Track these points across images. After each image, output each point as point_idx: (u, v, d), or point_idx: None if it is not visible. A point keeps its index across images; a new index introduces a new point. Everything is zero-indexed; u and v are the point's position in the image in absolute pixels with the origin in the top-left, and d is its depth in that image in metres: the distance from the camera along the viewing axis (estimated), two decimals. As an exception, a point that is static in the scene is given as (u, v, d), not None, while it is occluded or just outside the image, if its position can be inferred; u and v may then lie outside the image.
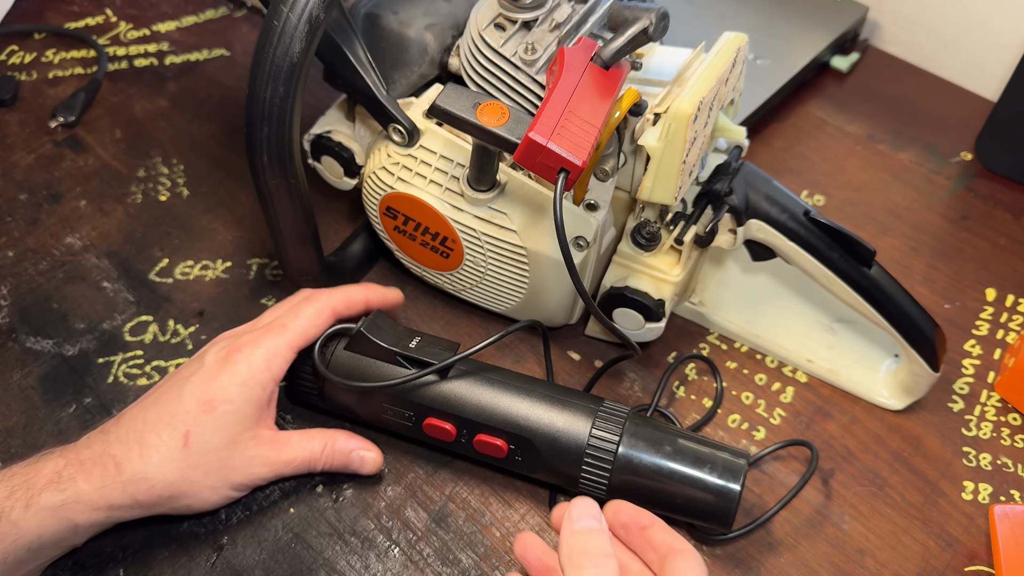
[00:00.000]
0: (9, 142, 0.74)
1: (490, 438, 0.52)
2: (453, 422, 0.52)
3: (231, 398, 0.50)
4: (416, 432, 0.54)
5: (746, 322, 0.64)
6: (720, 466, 0.50)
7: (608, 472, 0.50)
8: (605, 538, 0.42)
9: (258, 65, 0.48)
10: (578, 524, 0.43)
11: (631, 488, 0.51)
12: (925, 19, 0.85)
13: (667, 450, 0.51)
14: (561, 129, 0.45)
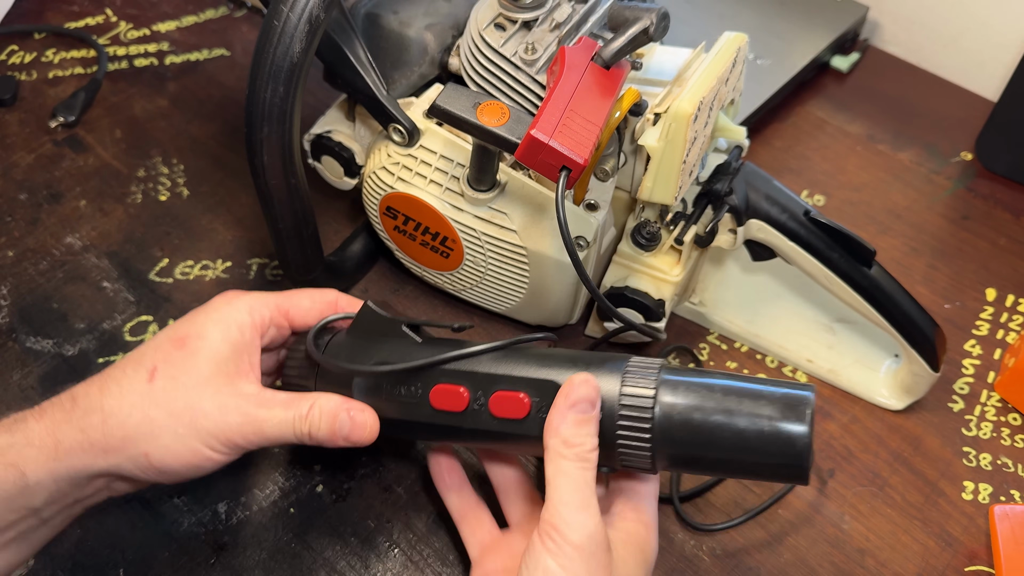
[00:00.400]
0: (9, 142, 0.74)
1: (509, 393, 0.44)
2: (466, 383, 0.45)
3: (204, 333, 0.45)
4: (421, 410, 0.46)
5: (746, 322, 0.64)
6: (782, 402, 0.40)
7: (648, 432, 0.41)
8: (594, 427, 0.41)
9: (258, 65, 0.48)
10: (573, 410, 0.41)
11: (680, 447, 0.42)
12: (925, 19, 0.85)
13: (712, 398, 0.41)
14: (563, 127, 0.45)
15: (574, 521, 0.39)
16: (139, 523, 0.53)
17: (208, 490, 0.55)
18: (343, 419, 0.46)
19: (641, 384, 0.42)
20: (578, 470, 0.40)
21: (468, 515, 0.51)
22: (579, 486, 0.40)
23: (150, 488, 0.54)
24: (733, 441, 0.40)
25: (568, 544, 0.39)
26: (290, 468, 0.56)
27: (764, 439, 0.40)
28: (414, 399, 0.46)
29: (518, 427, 0.44)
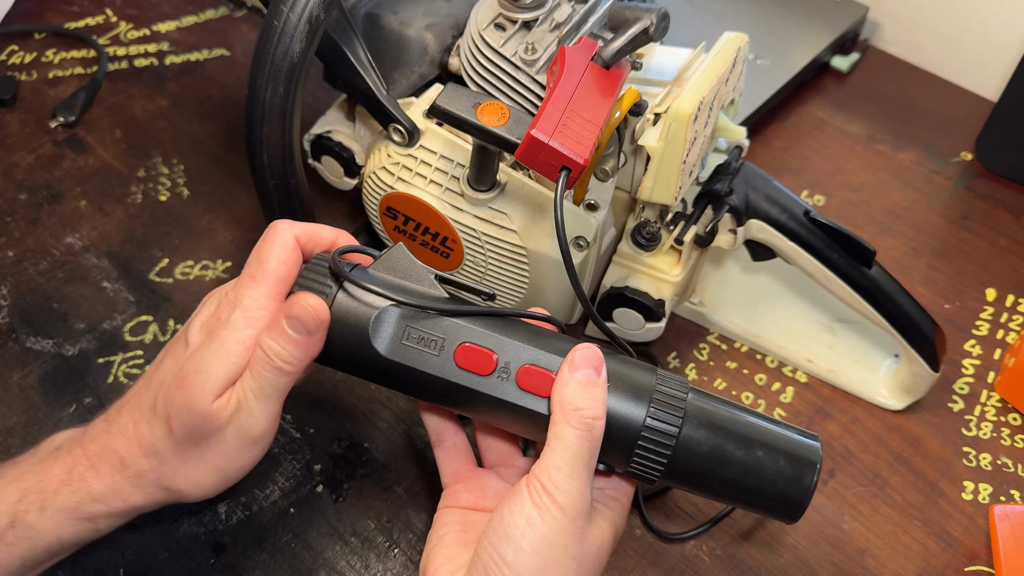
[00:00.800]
0: (9, 142, 0.74)
1: (538, 369, 0.43)
2: (496, 349, 0.43)
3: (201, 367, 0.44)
4: (442, 365, 0.43)
5: (746, 322, 0.64)
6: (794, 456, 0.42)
7: (665, 459, 0.42)
8: (601, 393, 0.41)
9: (258, 65, 0.48)
10: (578, 372, 0.41)
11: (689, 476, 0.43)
12: (925, 19, 0.85)
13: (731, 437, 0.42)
14: (563, 127, 0.45)
15: (562, 486, 0.40)
16: (139, 523, 0.53)
17: (208, 490, 0.55)
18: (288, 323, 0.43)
19: (667, 414, 0.42)
20: (577, 438, 0.40)
21: (445, 440, 0.50)
22: (574, 455, 0.40)
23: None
24: (741, 483, 0.42)
25: (554, 504, 0.40)
26: (290, 468, 0.56)
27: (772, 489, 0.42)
28: (436, 351, 0.44)
29: (540, 403, 0.43)
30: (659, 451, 0.42)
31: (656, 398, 0.42)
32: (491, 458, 0.51)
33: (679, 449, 0.42)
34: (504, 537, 0.40)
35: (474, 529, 0.45)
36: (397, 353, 0.43)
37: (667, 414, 0.42)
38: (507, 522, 0.40)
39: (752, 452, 0.42)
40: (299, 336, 0.43)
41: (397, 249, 0.46)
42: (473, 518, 0.46)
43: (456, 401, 0.45)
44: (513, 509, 0.40)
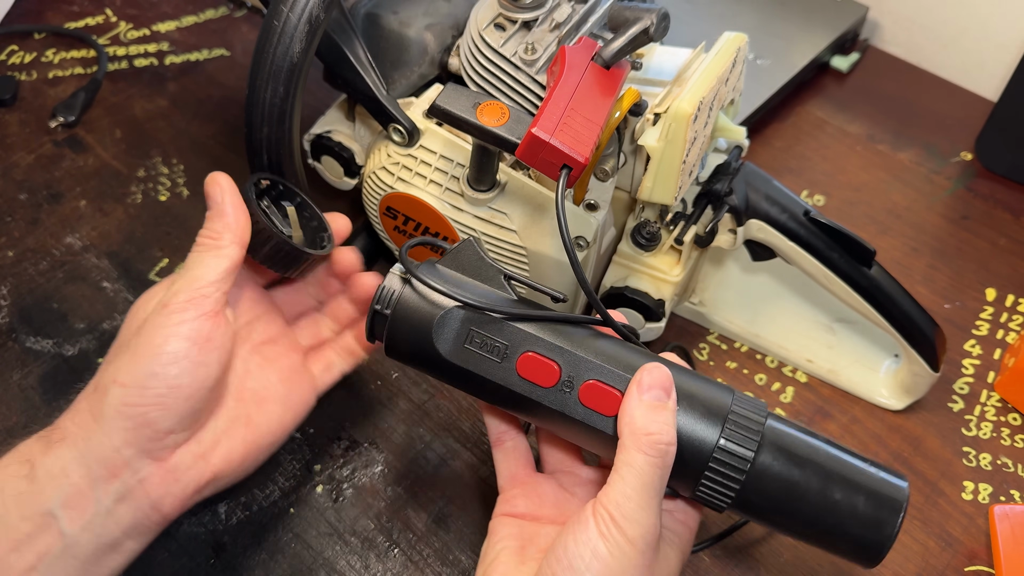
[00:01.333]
0: (9, 142, 0.74)
1: (603, 386, 0.41)
2: (559, 360, 0.41)
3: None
4: (503, 372, 0.42)
5: (746, 322, 0.64)
6: (875, 496, 0.39)
7: (737, 486, 0.40)
8: (671, 417, 0.39)
9: (258, 65, 0.48)
10: (646, 395, 0.39)
11: (761, 507, 0.41)
12: (925, 19, 0.85)
13: (810, 468, 0.40)
14: (564, 126, 0.45)
15: (633, 517, 0.37)
16: (139, 523, 0.53)
17: (208, 490, 0.55)
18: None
19: (742, 437, 0.40)
20: (648, 465, 0.38)
21: (505, 441, 0.48)
22: (645, 484, 0.38)
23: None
24: (817, 520, 0.40)
25: (623, 537, 0.37)
26: (290, 468, 0.56)
27: (849, 531, 0.40)
28: (498, 358, 0.42)
29: (603, 422, 0.41)
30: (731, 477, 0.40)
31: (731, 420, 0.40)
32: (551, 463, 0.49)
33: (752, 476, 0.40)
34: (568, 568, 0.38)
35: (532, 543, 0.44)
36: (459, 357, 0.43)
37: (742, 437, 0.39)
38: (571, 552, 0.38)
39: (831, 487, 0.39)
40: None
41: (466, 244, 0.45)
42: (530, 530, 0.45)
43: (516, 408, 0.44)
44: (579, 539, 0.38)
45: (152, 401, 0.42)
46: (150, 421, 0.42)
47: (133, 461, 0.43)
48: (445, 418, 0.59)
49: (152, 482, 0.43)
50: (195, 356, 0.43)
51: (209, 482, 0.45)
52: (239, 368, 0.48)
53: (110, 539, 0.43)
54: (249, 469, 0.48)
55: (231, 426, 0.46)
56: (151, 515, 0.44)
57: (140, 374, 0.42)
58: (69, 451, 0.42)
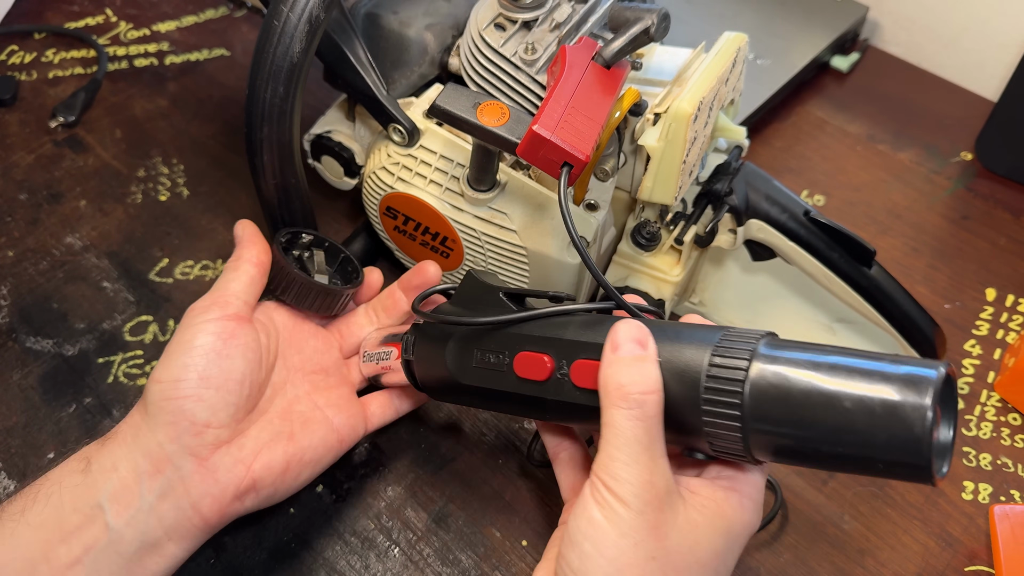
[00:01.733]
0: (9, 142, 0.74)
1: (591, 362, 0.39)
2: (550, 351, 0.41)
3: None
4: (507, 378, 0.43)
5: (746, 322, 0.64)
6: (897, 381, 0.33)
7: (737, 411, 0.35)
8: (650, 367, 0.37)
9: (258, 65, 0.48)
10: (620, 351, 0.37)
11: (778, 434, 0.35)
12: (925, 19, 0.85)
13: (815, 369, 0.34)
14: (564, 123, 0.45)
15: (620, 475, 0.36)
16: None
17: (208, 490, 0.55)
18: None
19: (732, 354, 0.36)
20: (626, 418, 0.36)
21: (560, 452, 0.47)
22: (628, 439, 0.36)
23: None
24: (837, 422, 0.34)
25: (614, 498, 0.36)
26: (290, 468, 0.56)
27: (874, 420, 0.33)
28: (501, 367, 0.43)
29: (596, 399, 0.39)
30: (727, 400, 0.35)
31: (719, 346, 0.36)
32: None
33: (754, 394, 0.35)
34: (569, 543, 0.37)
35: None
36: (472, 377, 0.45)
37: (731, 356, 0.36)
38: (571, 526, 0.37)
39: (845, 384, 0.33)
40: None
41: (468, 277, 0.48)
42: None
43: (531, 412, 0.44)
44: (576, 512, 0.37)
45: (186, 392, 0.45)
46: (186, 412, 0.45)
47: (175, 457, 0.45)
48: (445, 418, 0.59)
49: (192, 480, 0.45)
50: (220, 348, 0.46)
51: (249, 489, 0.46)
52: (289, 392, 0.51)
53: (152, 537, 0.44)
54: (290, 485, 0.49)
55: (274, 439, 0.48)
56: (192, 517, 0.45)
57: (174, 368, 0.46)
58: (120, 447, 0.45)
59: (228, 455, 0.46)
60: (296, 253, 0.55)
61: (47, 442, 0.56)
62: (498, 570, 0.52)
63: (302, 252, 0.55)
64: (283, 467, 0.48)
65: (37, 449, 0.56)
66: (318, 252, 0.56)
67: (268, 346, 0.50)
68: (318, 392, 0.52)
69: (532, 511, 0.55)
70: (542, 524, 0.55)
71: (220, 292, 0.49)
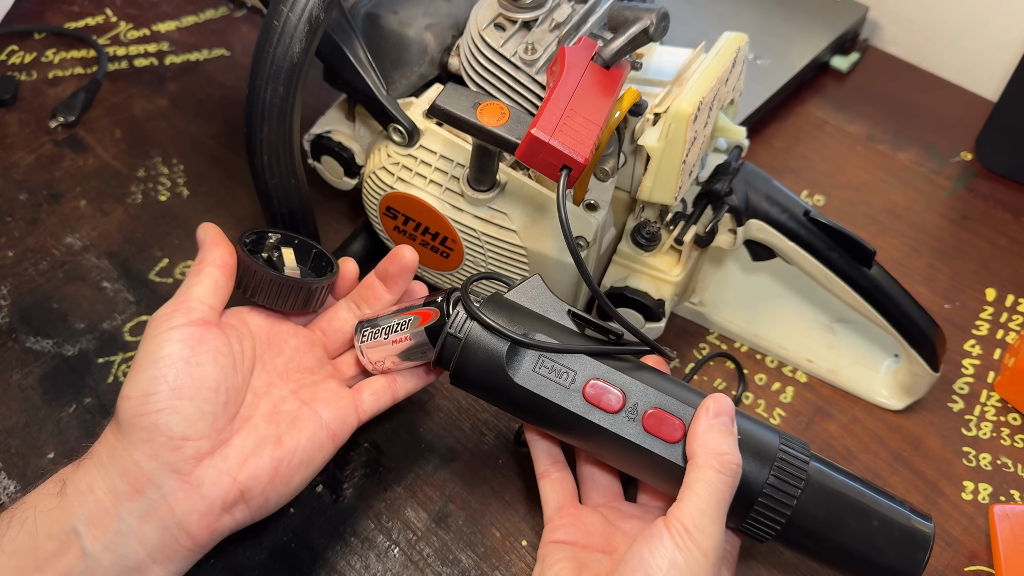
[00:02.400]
0: (9, 142, 0.74)
1: (667, 414, 0.44)
2: (623, 387, 0.45)
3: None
4: (569, 397, 0.45)
5: (746, 322, 0.64)
6: (904, 533, 0.44)
7: (782, 523, 0.43)
8: (735, 441, 0.42)
9: (258, 65, 0.48)
10: (715, 420, 0.43)
11: (801, 540, 0.44)
12: (925, 19, 0.85)
13: (847, 509, 0.44)
14: (563, 126, 0.45)
15: (707, 530, 0.40)
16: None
17: (208, 490, 0.55)
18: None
19: (790, 478, 0.43)
20: (722, 483, 0.41)
21: (553, 472, 0.51)
22: (719, 500, 0.41)
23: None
24: (854, 552, 0.43)
25: (697, 548, 0.40)
26: (290, 468, 0.56)
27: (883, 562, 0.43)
28: (566, 384, 0.45)
29: (666, 449, 0.44)
30: (777, 514, 0.43)
31: (780, 460, 0.43)
32: (594, 496, 0.51)
33: (796, 514, 0.43)
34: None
35: (588, 568, 0.46)
36: (529, 381, 0.45)
37: (789, 478, 0.43)
38: (648, 563, 0.40)
39: (868, 523, 0.43)
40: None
41: (534, 279, 0.48)
42: (584, 555, 0.47)
43: (578, 434, 0.46)
44: (654, 551, 0.40)
45: (158, 406, 0.43)
46: (161, 427, 0.42)
47: (156, 476, 0.42)
48: (445, 418, 0.59)
49: (176, 498, 0.43)
50: (189, 356, 0.44)
51: (237, 500, 0.44)
52: (275, 394, 0.49)
53: (134, 561, 0.42)
54: (281, 492, 0.46)
55: (260, 445, 0.46)
56: (179, 537, 0.43)
57: (142, 382, 0.43)
58: (95, 468, 0.43)
59: (212, 467, 0.44)
60: (264, 255, 0.52)
61: (47, 442, 0.56)
62: (498, 570, 0.52)
63: (270, 252, 0.52)
64: (271, 473, 0.45)
65: (37, 449, 0.56)
66: (287, 250, 0.53)
67: (243, 351, 0.47)
68: (304, 389, 0.50)
69: (532, 511, 0.55)
70: (542, 524, 0.55)
71: (183, 298, 0.46)
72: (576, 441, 0.47)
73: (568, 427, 0.46)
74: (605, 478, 0.52)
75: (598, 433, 0.45)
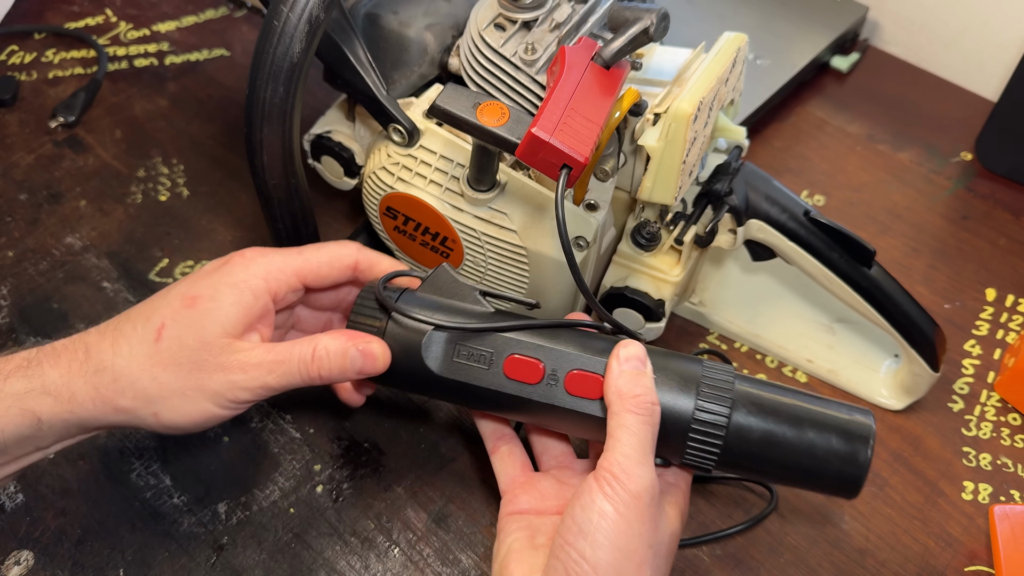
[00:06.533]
0: (9, 142, 0.74)
1: (586, 373, 0.45)
2: (542, 358, 0.46)
3: (215, 295, 0.45)
4: (493, 377, 0.46)
5: (746, 322, 0.64)
6: (844, 430, 0.43)
7: (718, 448, 0.44)
8: (650, 382, 0.43)
9: (258, 65, 0.48)
10: (625, 365, 0.43)
11: (744, 462, 0.44)
12: (925, 19, 0.85)
13: (782, 418, 0.44)
14: (563, 125, 0.45)
15: (633, 472, 0.40)
16: (139, 523, 0.53)
17: (208, 490, 0.55)
18: (353, 354, 0.46)
19: (716, 401, 0.44)
20: (639, 423, 0.41)
21: (501, 446, 0.52)
22: (640, 440, 0.41)
23: (150, 488, 0.54)
24: (797, 464, 0.44)
25: (626, 492, 0.40)
26: (290, 468, 0.56)
27: (828, 468, 0.43)
28: (486, 365, 0.46)
29: (591, 407, 0.45)
30: (712, 437, 0.43)
31: (703, 388, 0.44)
32: (547, 461, 0.52)
33: (731, 436, 0.43)
34: (579, 533, 0.40)
35: (541, 532, 0.46)
36: (450, 370, 0.47)
37: (716, 401, 0.44)
38: (580, 518, 0.40)
39: (804, 433, 0.43)
40: (351, 372, 0.46)
41: (441, 270, 0.49)
42: (538, 522, 0.47)
43: (509, 409, 0.48)
44: (584, 504, 0.40)
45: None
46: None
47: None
48: (445, 418, 0.59)
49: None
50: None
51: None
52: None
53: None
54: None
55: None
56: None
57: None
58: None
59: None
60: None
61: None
62: (498, 570, 0.53)
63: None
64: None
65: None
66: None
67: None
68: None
69: (532, 511, 0.55)
70: (542, 524, 0.55)
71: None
72: (512, 415, 0.49)
73: (498, 405, 0.47)
74: (554, 442, 0.52)
75: (526, 405, 0.46)
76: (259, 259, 0.47)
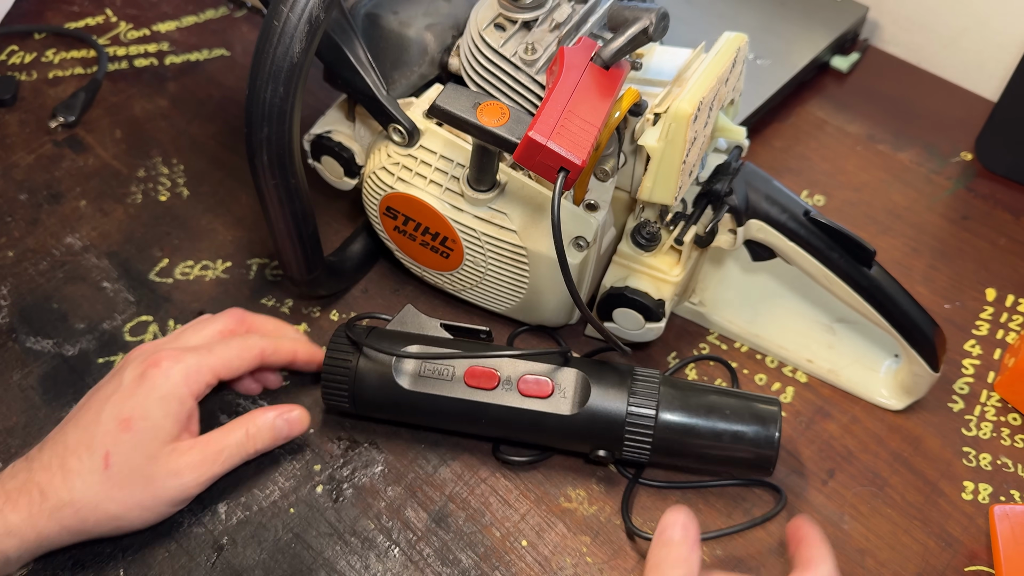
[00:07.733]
0: (9, 142, 0.74)
1: (535, 377, 0.53)
2: (495, 367, 0.54)
3: (147, 414, 0.49)
4: (455, 387, 0.54)
5: (746, 322, 0.64)
6: (755, 417, 0.52)
7: (650, 439, 0.52)
8: (684, 549, 0.45)
9: (258, 65, 0.48)
10: (663, 534, 0.46)
11: (673, 448, 0.53)
12: (925, 19, 0.85)
13: (702, 411, 0.53)
14: (561, 128, 0.45)
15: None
16: (139, 523, 0.53)
17: (208, 490, 0.54)
18: (279, 425, 0.54)
19: (645, 400, 0.53)
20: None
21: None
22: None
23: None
24: (718, 447, 0.53)
25: None
26: (290, 468, 0.56)
27: (743, 448, 0.53)
28: (449, 378, 0.54)
29: (541, 404, 0.53)
30: (643, 433, 0.52)
31: (634, 390, 0.53)
32: None
33: (659, 428, 0.52)
34: None
35: None
36: (418, 384, 0.54)
37: (644, 402, 0.52)
38: None
39: (720, 422, 0.52)
40: (282, 438, 0.54)
41: (407, 309, 0.58)
42: None
43: (471, 418, 0.54)
44: None
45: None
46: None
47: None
48: (445, 418, 0.59)
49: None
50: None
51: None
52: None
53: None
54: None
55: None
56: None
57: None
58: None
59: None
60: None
61: (47, 442, 0.56)
62: (498, 570, 0.52)
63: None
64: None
65: (37, 449, 0.56)
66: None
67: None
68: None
69: (532, 511, 0.55)
70: (542, 524, 0.55)
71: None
72: (475, 425, 0.54)
73: (462, 414, 0.54)
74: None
75: (486, 409, 0.53)
76: (175, 366, 0.50)
